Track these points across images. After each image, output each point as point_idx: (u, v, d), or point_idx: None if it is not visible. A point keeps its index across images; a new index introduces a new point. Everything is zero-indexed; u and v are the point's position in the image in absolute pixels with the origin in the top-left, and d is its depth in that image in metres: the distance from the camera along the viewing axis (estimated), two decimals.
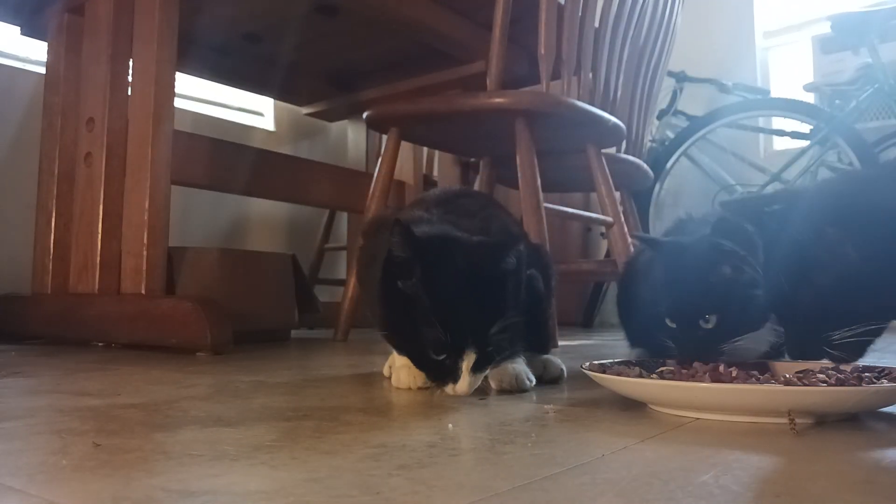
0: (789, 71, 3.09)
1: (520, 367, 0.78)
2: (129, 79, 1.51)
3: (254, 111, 2.76)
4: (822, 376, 0.64)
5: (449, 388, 0.68)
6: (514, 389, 0.75)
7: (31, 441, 0.50)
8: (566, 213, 1.60)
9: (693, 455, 0.46)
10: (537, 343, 0.87)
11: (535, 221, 1.38)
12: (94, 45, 1.56)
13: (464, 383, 0.67)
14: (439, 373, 0.69)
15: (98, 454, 0.45)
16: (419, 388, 0.78)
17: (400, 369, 0.80)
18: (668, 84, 2.62)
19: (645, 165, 1.90)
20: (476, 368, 0.67)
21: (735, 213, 0.71)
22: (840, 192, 0.62)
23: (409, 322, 0.68)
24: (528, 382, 0.77)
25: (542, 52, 1.45)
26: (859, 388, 0.57)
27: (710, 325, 0.78)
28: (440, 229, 0.73)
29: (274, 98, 2.67)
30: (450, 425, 0.56)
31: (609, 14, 1.65)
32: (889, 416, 0.61)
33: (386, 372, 0.90)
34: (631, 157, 1.83)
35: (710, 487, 0.37)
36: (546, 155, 1.56)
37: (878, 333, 0.60)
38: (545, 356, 0.87)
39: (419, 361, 0.72)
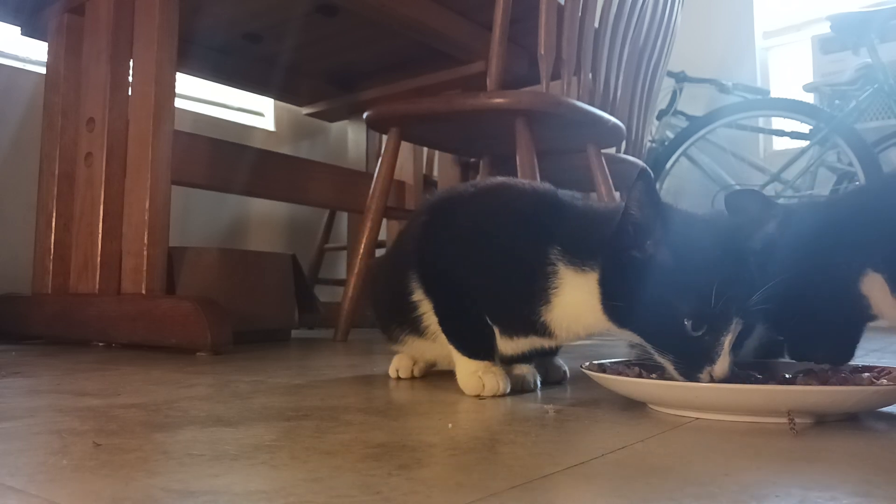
0: (789, 71, 3.10)
1: (525, 368, 0.78)
2: (130, 79, 1.51)
3: (254, 111, 2.76)
4: (821, 376, 0.64)
5: (704, 375, 0.58)
6: (518, 390, 0.76)
7: (31, 441, 0.50)
8: None
9: (693, 455, 0.46)
10: None
11: None
12: (94, 45, 1.56)
13: (724, 363, 0.57)
14: (690, 357, 0.59)
15: (98, 454, 0.45)
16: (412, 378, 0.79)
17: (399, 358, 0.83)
18: (668, 84, 2.63)
19: (645, 166, 1.90)
20: (735, 346, 0.58)
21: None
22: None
23: (649, 297, 0.59)
24: (531, 384, 0.77)
25: (542, 52, 1.45)
26: (859, 388, 0.57)
27: None
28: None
29: (274, 98, 2.67)
30: (450, 425, 0.56)
31: (609, 14, 1.65)
32: (889, 416, 0.61)
33: (392, 374, 0.89)
34: (631, 158, 1.83)
35: (709, 487, 0.37)
36: (546, 155, 1.56)
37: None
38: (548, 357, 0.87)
39: (664, 344, 0.61)
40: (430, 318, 0.77)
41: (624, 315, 0.62)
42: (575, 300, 0.66)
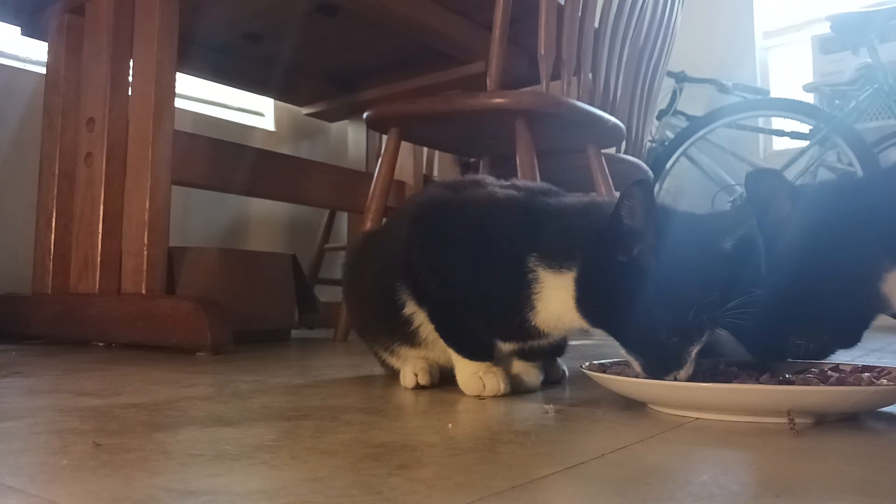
0: (789, 71, 3.10)
1: (520, 366, 0.78)
2: (130, 79, 1.51)
3: (254, 111, 2.76)
4: (821, 376, 0.64)
5: (669, 378, 0.60)
6: (520, 389, 0.76)
7: (32, 441, 0.50)
8: None
9: (693, 455, 0.46)
10: None
11: None
12: (94, 45, 1.56)
13: (690, 369, 0.60)
14: (659, 359, 0.61)
15: (98, 454, 0.45)
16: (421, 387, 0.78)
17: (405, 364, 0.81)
18: (668, 84, 2.63)
19: (645, 166, 1.90)
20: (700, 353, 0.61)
21: None
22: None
23: (626, 301, 0.60)
24: (532, 384, 0.77)
25: (542, 52, 1.45)
26: (859, 388, 0.57)
27: None
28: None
29: (274, 98, 2.67)
30: (450, 425, 0.56)
31: (609, 14, 1.65)
32: (889, 416, 0.61)
33: (410, 383, 0.87)
34: (631, 158, 1.83)
35: (709, 487, 0.37)
36: (546, 155, 1.56)
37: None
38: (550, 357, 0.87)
39: (635, 346, 0.62)
40: (425, 329, 0.77)
41: (598, 314, 0.64)
42: (556, 303, 0.66)
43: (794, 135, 2.65)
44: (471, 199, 0.75)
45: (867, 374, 0.65)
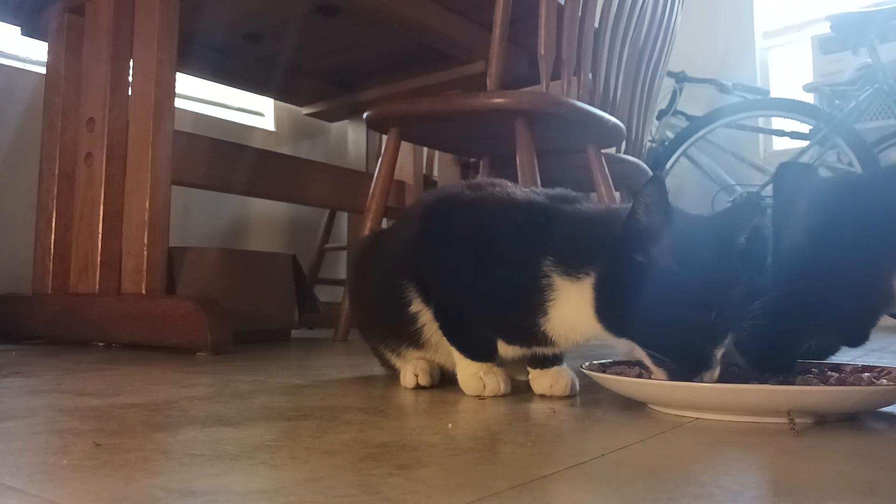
0: (789, 71, 3.10)
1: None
2: (130, 79, 1.51)
3: (254, 111, 2.76)
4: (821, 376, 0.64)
5: (697, 379, 0.59)
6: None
7: (31, 441, 0.50)
8: None
9: (693, 455, 0.46)
10: None
11: None
12: (94, 45, 1.56)
13: (717, 371, 0.59)
14: (686, 363, 0.59)
15: (98, 454, 0.45)
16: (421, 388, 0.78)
17: (406, 364, 0.81)
18: (668, 84, 2.63)
19: (645, 166, 1.90)
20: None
21: None
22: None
23: (649, 304, 0.59)
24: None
25: (542, 52, 1.45)
26: (859, 388, 0.57)
27: None
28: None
29: (274, 98, 2.68)
30: (449, 425, 0.56)
31: (609, 14, 1.65)
32: (889, 416, 0.61)
33: (410, 383, 0.84)
34: (630, 158, 1.83)
35: (709, 487, 0.37)
36: (546, 155, 1.56)
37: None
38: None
39: (662, 350, 0.60)
40: (430, 329, 0.76)
41: (621, 321, 0.62)
42: (571, 309, 0.65)
43: (794, 135, 2.65)
44: (483, 198, 0.75)
45: (867, 374, 0.65)
